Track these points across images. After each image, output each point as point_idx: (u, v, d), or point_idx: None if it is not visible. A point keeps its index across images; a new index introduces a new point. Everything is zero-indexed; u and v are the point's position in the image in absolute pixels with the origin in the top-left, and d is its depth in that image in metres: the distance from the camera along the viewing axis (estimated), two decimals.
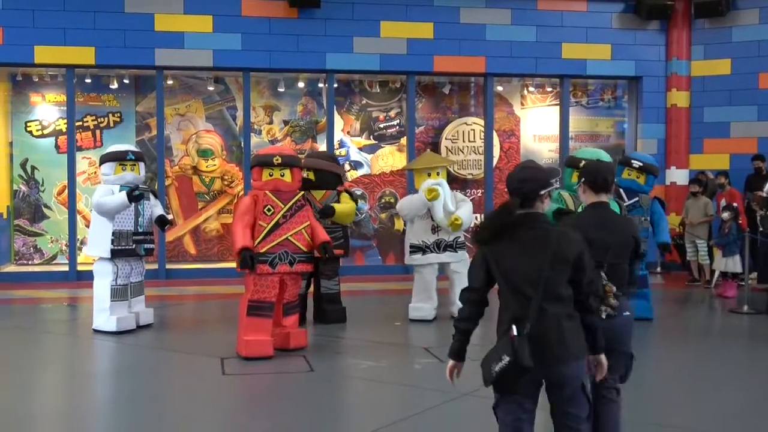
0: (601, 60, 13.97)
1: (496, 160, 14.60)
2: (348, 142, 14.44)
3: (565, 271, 3.66)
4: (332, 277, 9.37)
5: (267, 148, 9.10)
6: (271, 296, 7.53)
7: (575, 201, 7.83)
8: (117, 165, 8.71)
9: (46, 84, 13.70)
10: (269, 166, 7.63)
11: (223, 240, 14.11)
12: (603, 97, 15.23)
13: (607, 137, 15.19)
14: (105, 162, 8.80)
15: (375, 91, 14.43)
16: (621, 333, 4.33)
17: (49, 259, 13.91)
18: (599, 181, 4.45)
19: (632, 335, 4.48)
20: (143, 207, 8.81)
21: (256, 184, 7.71)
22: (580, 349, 3.71)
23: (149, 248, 8.97)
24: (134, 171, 8.79)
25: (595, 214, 4.44)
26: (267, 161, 7.65)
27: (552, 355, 3.62)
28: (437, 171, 9.43)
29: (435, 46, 13.44)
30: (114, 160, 8.73)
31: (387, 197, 14.48)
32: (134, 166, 8.79)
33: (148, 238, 8.92)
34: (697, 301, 11.29)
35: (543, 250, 3.64)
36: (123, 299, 8.74)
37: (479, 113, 14.62)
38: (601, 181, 4.45)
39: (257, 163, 7.72)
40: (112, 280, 8.64)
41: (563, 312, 3.66)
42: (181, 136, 14.19)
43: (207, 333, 8.85)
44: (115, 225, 8.59)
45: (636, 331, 8.80)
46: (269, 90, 14.25)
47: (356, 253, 14.42)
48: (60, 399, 6.59)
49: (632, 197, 9.28)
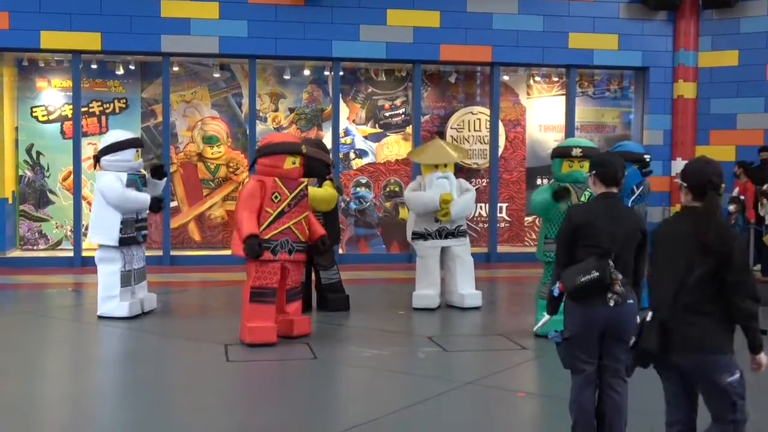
0: (608, 50, 13.95)
1: (502, 150, 14.60)
2: (353, 130, 14.45)
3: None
4: (329, 267, 9.41)
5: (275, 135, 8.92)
6: (273, 282, 7.57)
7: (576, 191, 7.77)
8: (136, 152, 8.83)
9: (52, 69, 13.71)
10: (296, 153, 7.68)
11: (228, 227, 14.14)
12: (609, 88, 15.22)
13: (613, 128, 15.19)
14: (123, 149, 8.69)
15: (381, 80, 14.43)
16: (627, 321, 4.44)
17: (54, 244, 13.97)
18: (610, 174, 4.59)
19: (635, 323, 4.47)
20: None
21: (276, 171, 7.60)
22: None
23: (145, 234, 9.15)
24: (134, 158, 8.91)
25: (605, 204, 4.58)
26: (295, 149, 7.68)
27: None
28: (445, 164, 9.46)
29: (441, 35, 13.43)
30: (134, 146, 8.81)
31: (392, 186, 14.50)
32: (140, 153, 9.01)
33: (144, 224, 9.09)
34: None
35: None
36: (129, 285, 8.82)
37: (485, 102, 14.62)
38: (611, 174, 4.59)
39: (285, 149, 7.64)
40: (121, 267, 8.70)
41: None
42: (187, 122, 14.22)
43: (211, 320, 8.91)
44: (124, 214, 8.67)
45: None
46: (275, 77, 14.26)
47: (360, 241, 14.46)
48: (65, 384, 6.65)
49: (639, 187, 9.43)
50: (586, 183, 7.36)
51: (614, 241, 4.44)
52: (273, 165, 7.61)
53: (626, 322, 4.44)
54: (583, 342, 4.54)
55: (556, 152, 8.04)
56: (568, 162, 7.83)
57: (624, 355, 4.45)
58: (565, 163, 7.85)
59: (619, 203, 4.66)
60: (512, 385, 6.47)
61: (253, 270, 7.51)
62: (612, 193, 4.60)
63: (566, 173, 7.83)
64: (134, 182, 8.77)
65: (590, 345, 4.54)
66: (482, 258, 13.48)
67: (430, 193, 9.28)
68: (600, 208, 4.56)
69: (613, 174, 4.58)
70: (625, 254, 4.47)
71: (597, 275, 4.33)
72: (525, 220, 14.99)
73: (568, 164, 7.84)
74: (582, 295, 4.41)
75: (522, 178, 14.87)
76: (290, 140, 7.97)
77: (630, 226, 4.51)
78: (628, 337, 4.29)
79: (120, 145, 8.76)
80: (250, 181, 7.68)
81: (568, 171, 7.85)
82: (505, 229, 14.83)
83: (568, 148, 7.91)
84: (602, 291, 4.38)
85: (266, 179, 7.58)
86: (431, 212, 9.32)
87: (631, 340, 4.20)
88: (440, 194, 9.19)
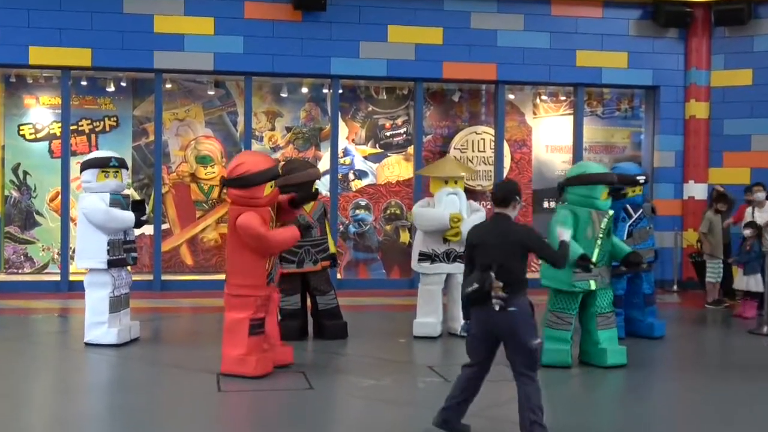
0: (618, 68, 14.00)
1: (507, 171, 14.64)
2: (353, 150, 14.49)
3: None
4: (327, 291, 9.36)
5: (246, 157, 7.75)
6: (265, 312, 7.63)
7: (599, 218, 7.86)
8: (99, 172, 8.72)
9: (41, 86, 13.78)
10: (274, 178, 7.52)
11: (221, 251, 14.13)
12: (619, 107, 15.27)
13: (623, 148, 15.22)
14: (86, 168, 8.78)
15: (381, 98, 14.48)
16: (511, 325, 5.43)
17: (40, 268, 13.97)
18: (498, 196, 5.71)
19: (531, 330, 5.47)
20: None
21: (253, 202, 7.32)
22: None
23: (135, 257, 9.11)
24: (117, 178, 8.84)
25: (493, 223, 5.73)
26: (274, 174, 7.48)
27: None
28: (455, 180, 9.47)
29: (444, 52, 13.49)
30: (96, 166, 8.74)
31: (393, 208, 14.52)
32: (117, 173, 8.82)
33: (134, 246, 9.06)
34: (714, 322, 11.26)
35: None
36: (118, 310, 8.80)
37: (490, 122, 14.66)
38: (499, 196, 5.70)
39: (266, 178, 7.33)
40: (111, 291, 8.69)
41: None
42: (180, 141, 14.26)
43: (203, 348, 8.87)
44: (108, 234, 8.66)
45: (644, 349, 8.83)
46: (272, 95, 14.32)
47: (359, 266, 14.45)
48: (50, 414, 6.63)
49: (637, 210, 9.68)
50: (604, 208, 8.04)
51: (496, 256, 5.46)
52: (251, 197, 7.33)
53: (510, 325, 5.43)
54: (476, 339, 5.64)
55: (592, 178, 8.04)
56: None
57: (519, 356, 5.46)
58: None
59: (506, 221, 5.64)
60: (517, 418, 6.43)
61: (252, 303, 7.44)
62: (501, 213, 5.66)
63: (605, 201, 8.07)
64: (118, 202, 8.79)
65: (481, 342, 5.62)
66: None
67: (440, 210, 9.28)
68: (489, 227, 5.72)
69: (501, 196, 5.67)
70: (507, 265, 5.44)
71: (477, 286, 5.39)
72: None
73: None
74: (472, 302, 5.52)
75: (528, 201, 14.89)
76: (264, 166, 7.44)
77: (512, 240, 5.52)
78: (517, 339, 5.43)
79: (85, 164, 8.82)
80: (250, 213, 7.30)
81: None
82: None
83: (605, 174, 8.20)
84: (487, 298, 5.38)
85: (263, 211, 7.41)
86: (440, 231, 9.29)
87: (522, 342, 5.39)
88: (450, 213, 9.18)
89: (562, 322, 7.98)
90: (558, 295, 8.02)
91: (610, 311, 8.14)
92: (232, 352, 7.47)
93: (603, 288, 8.06)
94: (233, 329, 7.48)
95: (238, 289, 7.47)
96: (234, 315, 7.49)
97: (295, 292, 9.26)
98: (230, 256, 7.57)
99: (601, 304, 8.04)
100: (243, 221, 7.27)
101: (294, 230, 7.60)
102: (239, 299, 7.46)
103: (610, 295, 8.21)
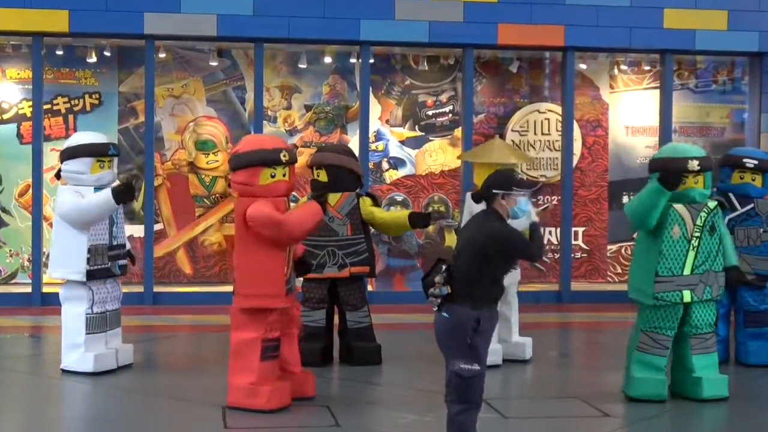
0: (715, 31, 13.87)
1: (577, 159, 14.57)
2: (387, 133, 14.50)
3: None
4: (359, 307, 9.37)
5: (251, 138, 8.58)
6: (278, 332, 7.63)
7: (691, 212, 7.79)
8: (95, 162, 8.73)
9: (7, 56, 13.90)
10: (275, 164, 7.44)
11: (227, 256, 14.18)
12: (716, 79, 15.16)
13: (721, 130, 15.09)
14: (77, 157, 8.73)
15: (422, 69, 14.47)
16: (438, 333, 5.82)
17: (7, 277, 14.08)
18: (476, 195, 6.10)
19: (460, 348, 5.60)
20: (117, 212, 8.90)
21: (252, 189, 7.39)
22: None
23: (123, 265, 9.06)
24: (112, 168, 8.92)
25: (473, 217, 6.15)
26: (273, 158, 7.42)
27: None
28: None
29: (500, 12, 13.44)
30: (91, 154, 8.74)
31: (436, 204, 14.50)
32: (111, 163, 8.91)
33: (121, 252, 9.01)
34: None
35: None
36: (100, 331, 8.80)
37: (556, 98, 14.62)
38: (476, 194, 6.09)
39: (259, 160, 7.37)
40: (87, 308, 8.70)
41: None
42: (176, 123, 14.33)
43: (204, 375, 8.91)
44: (90, 238, 8.64)
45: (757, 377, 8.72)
46: (287, 66, 14.35)
47: (395, 275, 14.45)
48: None
49: (746, 204, 9.48)
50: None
51: (457, 250, 5.87)
52: (246, 182, 7.40)
53: (437, 332, 5.81)
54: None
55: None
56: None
57: (450, 363, 5.69)
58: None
59: (484, 217, 5.93)
60: None
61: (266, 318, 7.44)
62: (483, 210, 5.99)
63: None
64: None
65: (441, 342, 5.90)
66: (552, 297, 13.41)
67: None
68: (470, 221, 6.18)
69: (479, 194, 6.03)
70: (459, 263, 5.72)
71: (424, 275, 5.90)
72: (607, 249, 14.91)
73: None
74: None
75: (603, 196, 14.80)
76: (268, 145, 7.53)
77: (474, 237, 5.78)
78: (443, 352, 5.77)
79: (75, 150, 8.77)
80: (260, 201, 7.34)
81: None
82: (581, 261, 14.76)
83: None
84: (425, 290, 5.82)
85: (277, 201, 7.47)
86: None
87: (447, 358, 5.70)
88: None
89: (656, 346, 7.84)
90: (648, 311, 7.88)
91: (709, 332, 7.97)
92: (240, 381, 7.48)
93: (703, 301, 7.87)
94: (242, 352, 7.49)
95: (249, 301, 7.43)
96: (243, 335, 7.49)
97: (321, 305, 9.27)
98: (239, 260, 7.58)
99: (697, 323, 7.87)
100: (253, 211, 7.27)
101: (313, 205, 7.64)
102: (249, 315, 7.45)
103: (711, 310, 8.01)
